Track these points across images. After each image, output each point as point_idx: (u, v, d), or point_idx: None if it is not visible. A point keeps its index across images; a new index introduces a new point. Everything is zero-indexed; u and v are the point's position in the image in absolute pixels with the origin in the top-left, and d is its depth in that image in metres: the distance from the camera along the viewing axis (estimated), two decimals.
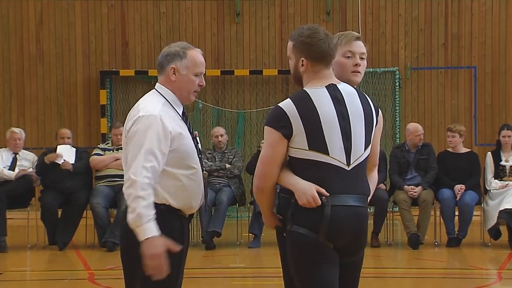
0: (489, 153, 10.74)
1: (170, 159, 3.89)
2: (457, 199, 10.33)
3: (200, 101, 14.06)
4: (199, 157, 4.02)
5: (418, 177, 10.61)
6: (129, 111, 4.05)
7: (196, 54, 3.98)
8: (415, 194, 10.38)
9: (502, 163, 10.54)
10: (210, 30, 14.27)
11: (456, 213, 10.43)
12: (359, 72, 3.99)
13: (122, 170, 4.02)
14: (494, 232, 10.23)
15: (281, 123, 3.65)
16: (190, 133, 4.03)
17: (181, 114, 4.01)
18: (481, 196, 10.56)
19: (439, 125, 13.96)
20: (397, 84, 14.07)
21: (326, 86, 3.74)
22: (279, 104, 3.71)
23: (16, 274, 8.95)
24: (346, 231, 3.68)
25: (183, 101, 4.03)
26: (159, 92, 4.02)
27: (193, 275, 9.03)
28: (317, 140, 3.66)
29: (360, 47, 4.01)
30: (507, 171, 10.49)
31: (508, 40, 14.08)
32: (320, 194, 3.64)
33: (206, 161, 10.76)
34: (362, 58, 4.01)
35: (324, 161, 3.67)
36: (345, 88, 3.78)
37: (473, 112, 14.11)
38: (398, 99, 14.08)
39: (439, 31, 14.16)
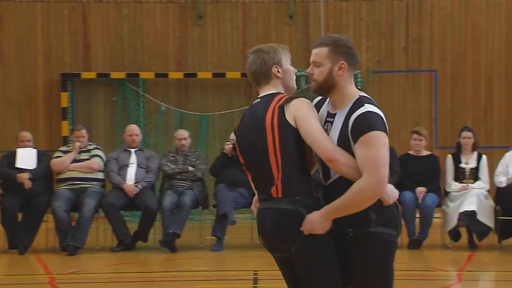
0: (449, 155, 10.84)
1: None
2: (419, 202, 10.42)
3: (162, 104, 14.01)
4: None
5: None
6: (91, 113, 4.07)
7: None
8: None
9: (462, 165, 10.65)
10: (173, 32, 14.23)
11: (417, 215, 10.52)
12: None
13: (83, 172, 4.00)
14: (454, 234, 10.35)
15: (385, 126, 3.84)
16: None
17: None
18: (442, 198, 10.67)
19: (400, 128, 14.07)
20: (359, 87, 14.13)
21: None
22: (373, 111, 3.78)
23: None
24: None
25: None
26: None
27: (155, 278, 8.99)
28: None
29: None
30: (467, 174, 10.61)
31: (467, 44, 14.26)
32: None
33: (169, 164, 10.73)
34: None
35: None
36: None
37: (433, 115, 14.26)
38: None
39: (400, 35, 14.29)
